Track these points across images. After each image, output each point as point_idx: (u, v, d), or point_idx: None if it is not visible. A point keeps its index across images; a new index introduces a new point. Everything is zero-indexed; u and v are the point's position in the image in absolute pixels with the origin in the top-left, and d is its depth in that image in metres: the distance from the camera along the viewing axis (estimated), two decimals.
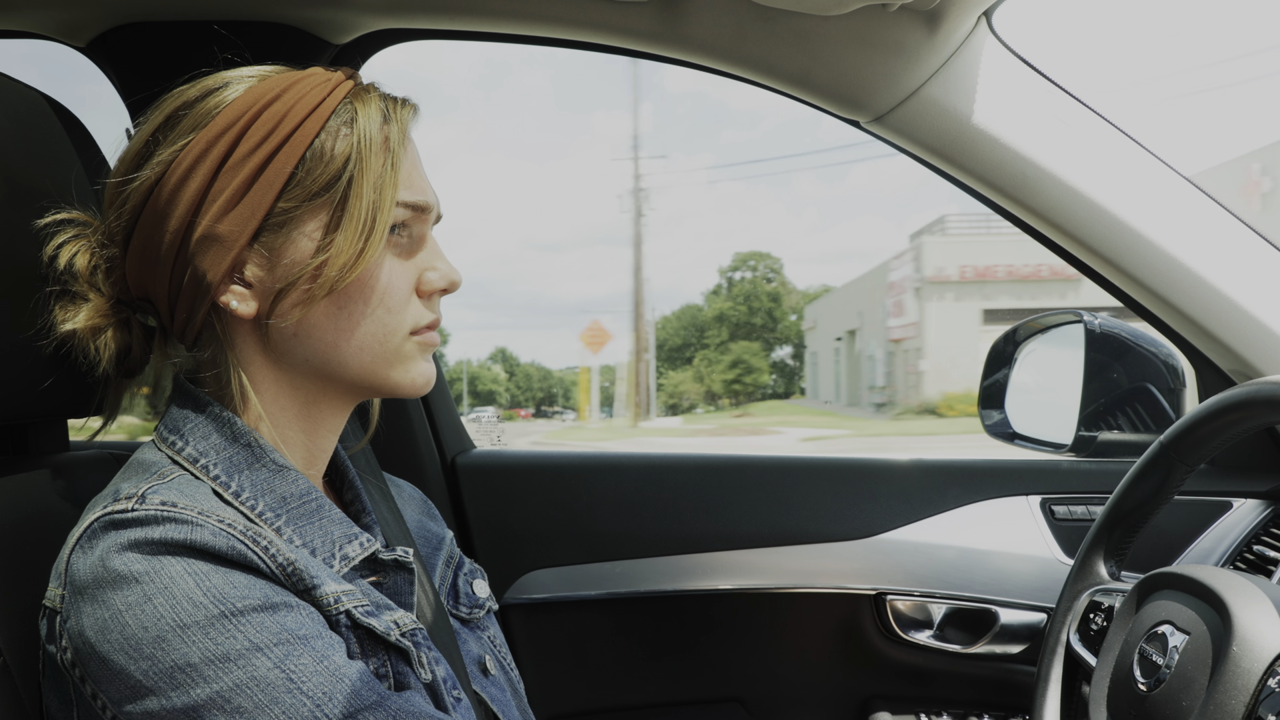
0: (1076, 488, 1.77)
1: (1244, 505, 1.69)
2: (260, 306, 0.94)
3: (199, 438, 0.94)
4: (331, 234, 0.92)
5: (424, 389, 1.01)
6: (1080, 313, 1.79)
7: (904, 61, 1.41)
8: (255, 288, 0.94)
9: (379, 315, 0.95)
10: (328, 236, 0.92)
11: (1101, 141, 1.48)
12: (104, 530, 0.85)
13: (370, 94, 0.96)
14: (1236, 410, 1.07)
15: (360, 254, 0.92)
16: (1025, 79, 1.47)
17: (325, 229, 0.92)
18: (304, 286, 0.92)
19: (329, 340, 0.95)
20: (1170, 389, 1.73)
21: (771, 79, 1.51)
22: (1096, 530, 1.25)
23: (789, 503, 1.81)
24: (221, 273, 0.93)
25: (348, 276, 0.92)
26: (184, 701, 0.81)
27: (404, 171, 0.96)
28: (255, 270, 0.94)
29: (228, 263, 0.92)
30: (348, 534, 0.97)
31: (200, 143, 0.92)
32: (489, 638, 1.18)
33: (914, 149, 1.54)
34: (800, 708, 1.84)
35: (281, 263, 0.93)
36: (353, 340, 0.95)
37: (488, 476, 1.87)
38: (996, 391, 1.89)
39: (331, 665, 0.85)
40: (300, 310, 0.93)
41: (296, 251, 0.93)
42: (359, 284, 0.94)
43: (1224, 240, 1.48)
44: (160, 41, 1.51)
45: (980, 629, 1.73)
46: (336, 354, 0.96)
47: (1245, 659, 0.91)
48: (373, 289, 0.95)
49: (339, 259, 0.91)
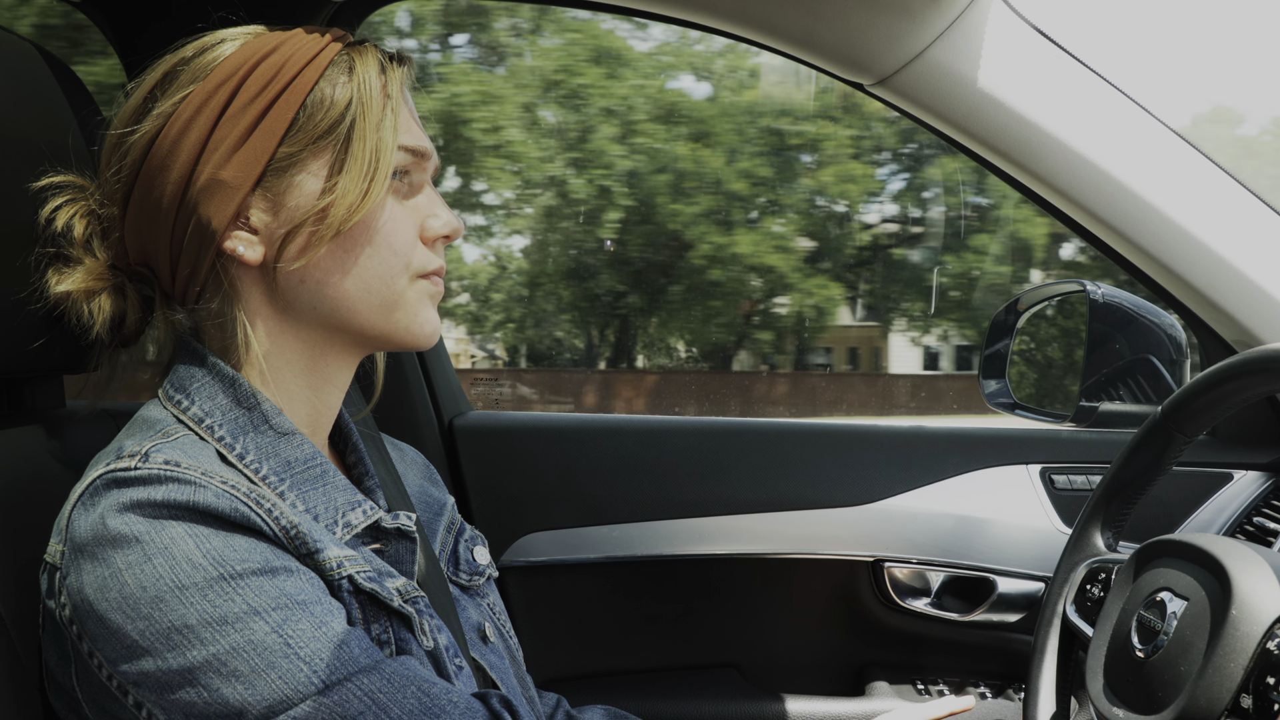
0: (1077, 457, 1.77)
1: (1245, 477, 1.69)
2: (267, 252, 0.95)
3: (205, 398, 0.94)
4: (336, 176, 0.93)
5: (430, 339, 1.01)
6: (1083, 282, 1.78)
7: (909, 23, 1.39)
8: (261, 233, 0.94)
9: (384, 256, 0.96)
10: (332, 179, 0.93)
11: (1107, 107, 1.47)
12: (106, 488, 0.85)
13: (366, 47, 0.97)
14: (1236, 378, 1.06)
15: (365, 194, 0.93)
16: (1031, 42, 1.46)
17: (330, 171, 0.93)
18: (309, 229, 0.92)
19: (335, 283, 0.95)
20: (1173, 360, 1.72)
21: (775, 39, 1.50)
22: (1094, 501, 1.24)
23: (787, 468, 1.81)
24: (227, 219, 0.93)
25: (353, 217, 0.92)
26: (179, 663, 0.81)
27: (403, 119, 0.97)
28: (260, 215, 0.94)
29: (233, 208, 0.93)
30: (351, 500, 0.97)
31: (199, 94, 0.92)
32: (489, 605, 1.18)
33: (918, 112, 1.53)
34: (796, 674, 1.85)
35: (286, 207, 0.93)
36: (360, 283, 0.95)
37: (485, 439, 1.87)
38: (998, 361, 1.89)
39: (330, 631, 0.84)
40: (306, 254, 0.93)
41: (301, 195, 0.93)
42: (364, 226, 0.94)
43: (1228, 208, 1.48)
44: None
45: (978, 597, 1.73)
46: (344, 298, 0.96)
47: (1244, 622, 0.91)
48: (377, 231, 0.95)
49: (344, 200, 0.92)
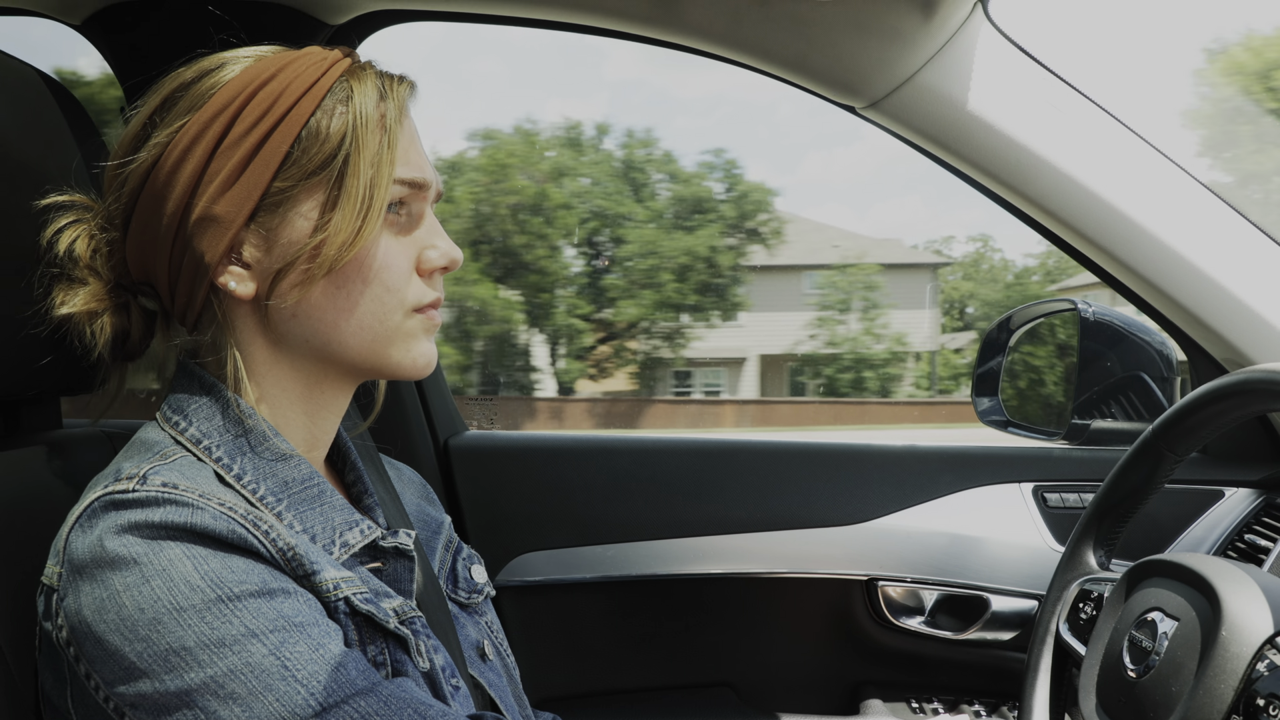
0: (1069, 475, 1.78)
1: (1235, 494, 1.69)
2: (259, 287, 0.94)
3: (202, 419, 0.94)
4: (329, 213, 0.91)
5: (425, 370, 1.00)
6: (1074, 301, 1.79)
7: (899, 47, 1.40)
8: (254, 268, 0.94)
9: (378, 294, 0.95)
10: (325, 216, 0.91)
11: (1096, 128, 1.48)
12: (104, 510, 0.85)
13: (366, 72, 0.96)
14: (1227, 398, 1.06)
15: (358, 232, 0.91)
16: (1020, 65, 1.47)
17: (322, 208, 0.92)
18: (302, 266, 0.91)
19: (329, 320, 0.95)
20: (1164, 377, 1.73)
21: (767, 63, 1.51)
22: (1086, 519, 1.25)
23: (781, 487, 1.81)
24: (219, 254, 0.92)
25: (346, 255, 0.91)
26: (177, 685, 0.81)
27: (401, 149, 0.95)
28: (253, 251, 0.93)
29: (225, 243, 0.92)
30: (348, 520, 0.97)
31: (196, 124, 0.91)
32: (486, 623, 1.18)
33: (909, 135, 1.54)
34: (791, 693, 1.85)
35: (279, 243, 0.92)
36: (352, 320, 0.95)
37: (480, 459, 1.87)
38: (990, 379, 1.89)
39: (327, 653, 0.84)
40: (299, 291, 0.92)
41: (294, 231, 0.92)
42: (357, 263, 0.93)
43: (1218, 228, 1.48)
44: (154, 20, 1.50)
45: (971, 616, 1.73)
46: (336, 334, 0.95)
47: (1234, 644, 0.91)
48: (371, 268, 0.94)
49: (337, 238, 0.90)
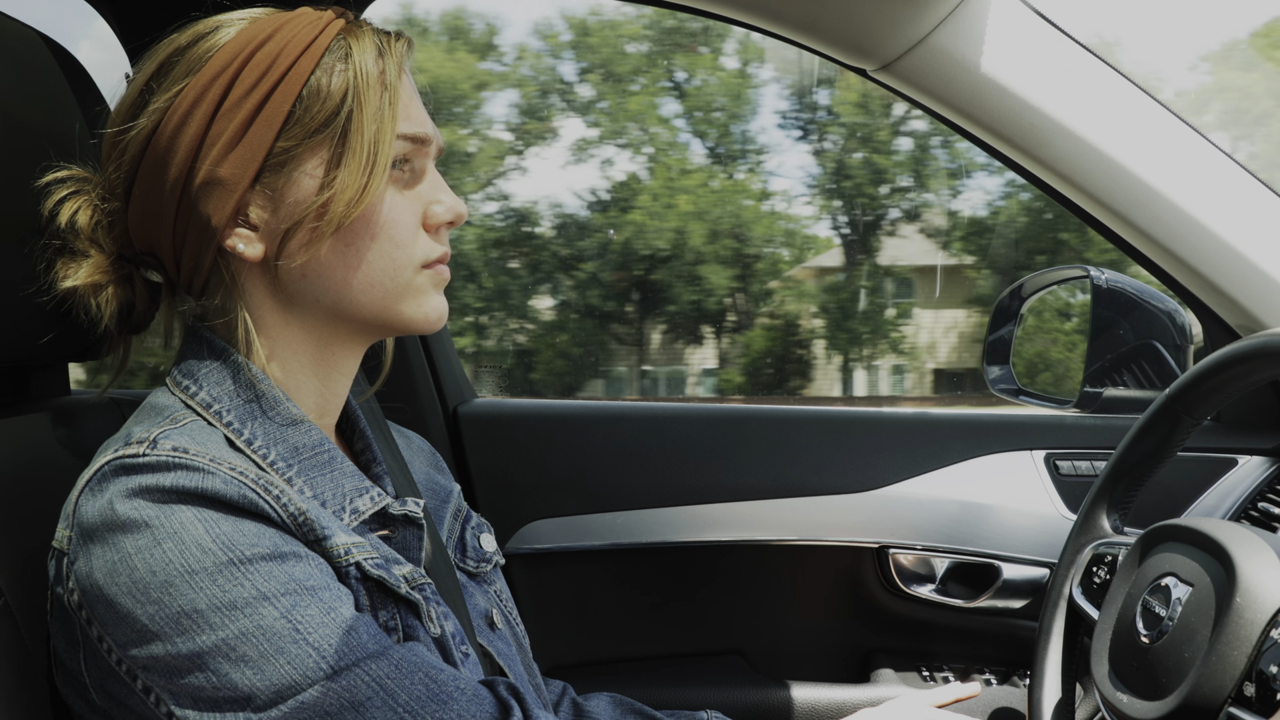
0: (1081, 443, 1.77)
1: (1249, 462, 1.69)
2: (267, 248, 0.94)
3: (212, 383, 0.94)
4: (334, 170, 0.91)
5: (437, 324, 1.00)
6: (1087, 268, 1.77)
7: (912, 8, 1.38)
8: (261, 230, 0.93)
9: (386, 250, 0.95)
10: (330, 173, 0.91)
11: (1110, 91, 1.46)
12: (114, 474, 0.85)
13: (363, 29, 0.95)
14: (1243, 363, 1.06)
15: (364, 189, 0.91)
16: (1034, 27, 1.45)
17: (327, 166, 0.91)
18: (310, 225, 0.91)
19: (339, 278, 0.94)
20: (1177, 345, 1.72)
21: (777, 25, 1.49)
22: (1101, 484, 1.24)
23: (792, 455, 1.80)
24: (226, 216, 0.92)
25: (353, 212, 0.91)
26: (189, 648, 0.81)
27: (402, 104, 0.95)
28: (259, 212, 0.93)
29: (231, 206, 0.92)
30: (359, 487, 0.97)
31: (195, 88, 0.91)
32: (495, 591, 1.18)
33: (921, 98, 1.52)
34: (801, 661, 1.85)
35: (285, 203, 0.92)
36: (362, 276, 0.95)
37: (490, 426, 1.87)
38: (1001, 347, 1.88)
39: (338, 617, 0.84)
40: (308, 250, 0.92)
41: (300, 191, 0.92)
42: (364, 220, 0.93)
43: (1232, 193, 1.47)
44: None
45: (983, 584, 1.73)
46: (348, 292, 0.95)
47: (1248, 610, 0.90)
48: (378, 224, 0.94)
49: (343, 195, 0.90)
